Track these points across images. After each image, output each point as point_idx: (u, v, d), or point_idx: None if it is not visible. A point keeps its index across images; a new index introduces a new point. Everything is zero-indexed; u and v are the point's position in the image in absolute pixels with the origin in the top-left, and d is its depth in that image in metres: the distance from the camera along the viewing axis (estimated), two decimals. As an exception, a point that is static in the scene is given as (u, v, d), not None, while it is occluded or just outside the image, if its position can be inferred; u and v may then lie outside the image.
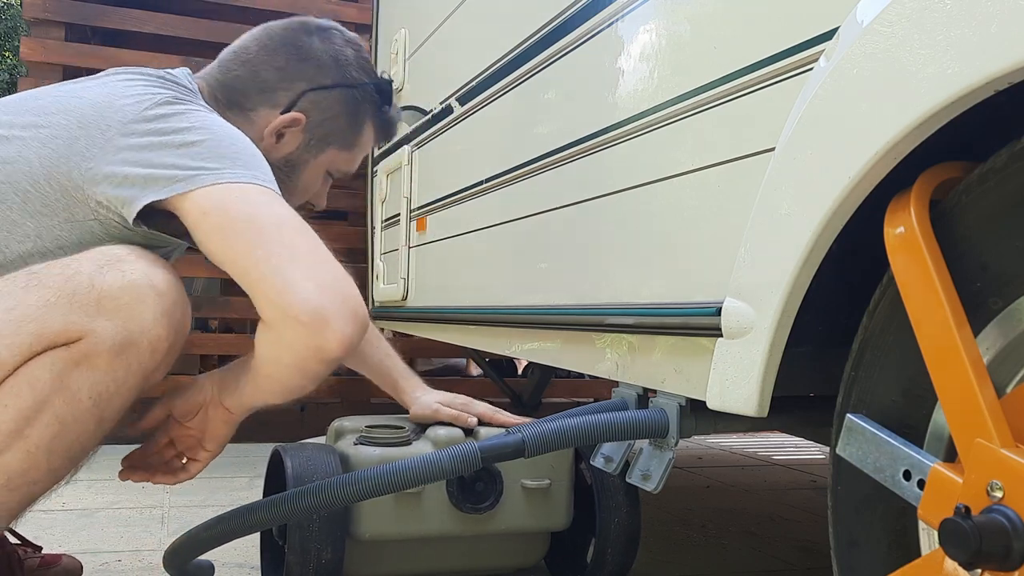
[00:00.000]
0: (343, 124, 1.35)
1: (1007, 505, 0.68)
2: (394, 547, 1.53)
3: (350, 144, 1.38)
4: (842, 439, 0.86)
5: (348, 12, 3.67)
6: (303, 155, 1.34)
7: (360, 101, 1.36)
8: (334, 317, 1.00)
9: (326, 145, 1.35)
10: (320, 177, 1.39)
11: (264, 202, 1.06)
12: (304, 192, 1.38)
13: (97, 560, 1.73)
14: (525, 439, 1.16)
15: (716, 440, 3.71)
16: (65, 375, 1.03)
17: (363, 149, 1.41)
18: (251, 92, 1.29)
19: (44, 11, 3.26)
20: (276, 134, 1.30)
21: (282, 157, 1.32)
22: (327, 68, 1.32)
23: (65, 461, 1.08)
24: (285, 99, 1.30)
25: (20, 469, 1.04)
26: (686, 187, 1.14)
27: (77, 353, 1.03)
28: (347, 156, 1.39)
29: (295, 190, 1.35)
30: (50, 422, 1.03)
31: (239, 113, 1.29)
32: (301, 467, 1.43)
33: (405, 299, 2.45)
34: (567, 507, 1.57)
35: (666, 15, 1.21)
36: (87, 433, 1.07)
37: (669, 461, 1.23)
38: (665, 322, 1.17)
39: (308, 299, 1.00)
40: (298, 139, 1.32)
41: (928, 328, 0.76)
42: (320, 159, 1.36)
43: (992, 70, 0.67)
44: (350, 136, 1.37)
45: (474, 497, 1.48)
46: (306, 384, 1.08)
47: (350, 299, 1.03)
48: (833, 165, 0.82)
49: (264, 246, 1.03)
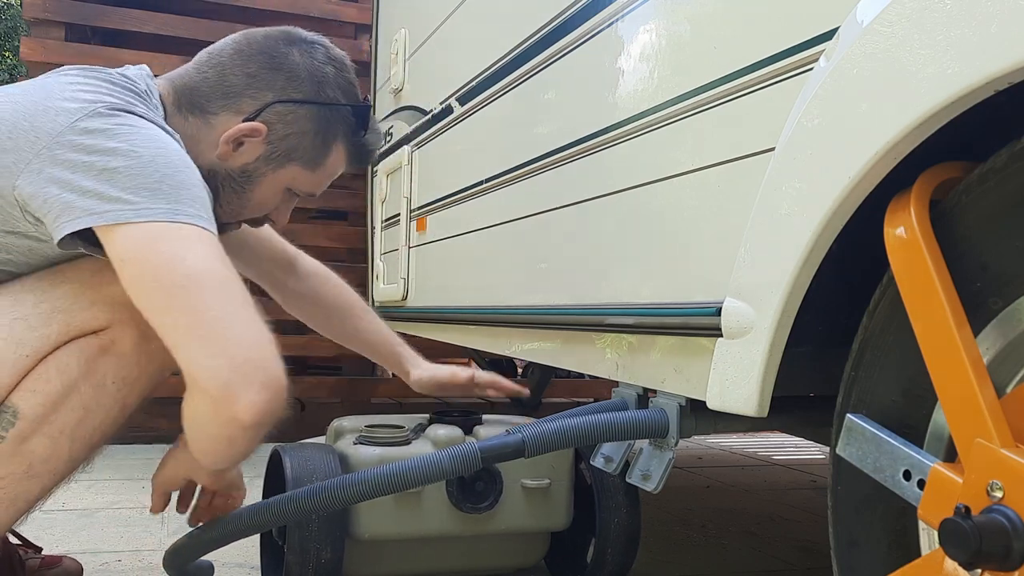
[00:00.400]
0: (309, 142, 1.27)
1: (1007, 505, 0.68)
2: (394, 547, 1.53)
3: (314, 164, 1.29)
4: (842, 439, 0.86)
5: (348, 12, 3.67)
6: (261, 168, 1.26)
7: (332, 121, 1.28)
8: (242, 389, 0.97)
9: (287, 161, 1.27)
10: (279, 193, 1.31)
11: (177, 254, 1.00)
12: (259, 206, 1.31)
13: (97, 560, 1.73)
14: (525, 439, 1.16)
15: (716, 440, 3.71)
16: (92, 361, 1.08)
17: (330, 171, 1.33)
18: (215, 95, 1.24)
19: (44, 11, 3.26)
20: (234, 142, 1.23)
21: (238, 167, 1.25)
22: (300, 82, 1.25)
23: (85, 448, 1.12)
24: (249, 107, 1.23)
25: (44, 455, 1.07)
26: (686, 187, 1.14)
27: (105, 340, 1.09)
28: (310, 176, 1.30)
29: (248, 202, 1.29)
30: (76, 407, 1.08)
31: (199, 115, 1.23)
32: (300, 467, 1.44)
33: (405, 299, 2.45)
34: (567, 507, 1.57)
35: (666, 15, 1.21)
36: (109, 419, 1.12)
37: (669, 461, 1.23)
38: (665, 322, 1.17)
39: (214, 375, 0.97)
40: (258, 150, 1.25)
41: (928, 328, 0.76)
42: (280, 175, 1.28)
43: (992, 70, 0.67)
44: (315, 156, 1.29)
45: (474, 497, 1.48)
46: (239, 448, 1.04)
47: (260, 366, 0.99)
48: (833, 165, 0.82)
49: (171, 313, 1.00)
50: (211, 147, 1.24)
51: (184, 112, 1.24)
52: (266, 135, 1.24)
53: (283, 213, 1.36)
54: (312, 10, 3.58)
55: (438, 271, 2.25)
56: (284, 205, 1.35)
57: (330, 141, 1.29)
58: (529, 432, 1.16)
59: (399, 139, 2.57)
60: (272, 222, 1.37)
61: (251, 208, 1.30)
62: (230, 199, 1.27)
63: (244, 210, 1.30)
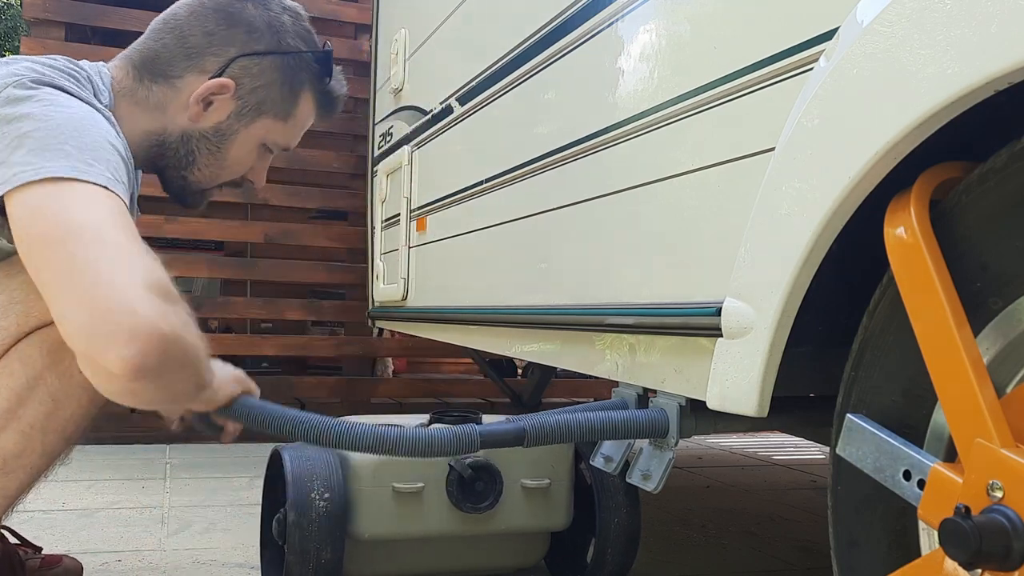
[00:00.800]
0: (277, 93, 1.28)
1: (1007, 505, 0.68)
2: (394, 547, 1.53)
3: (286, 115, 1.30)
4: (842, 439, 0.86)
5: (348, 12, 3.67)
6: (233, 124, 1.27)
7: (296, 69, 1.29)
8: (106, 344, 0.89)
9: (259, 114, 1.28)
10: (254, 150, 1.31)
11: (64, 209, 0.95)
12: (236, 164, 1.31)
13: (97, 560, 1.73)
14: (526, 428, 1.15)
15: (716, 440, 3.71)
16: (56, 351, 1.04)
17: (301, 122, 1.34)
18: (178, 59, 1.24)
19: (44, 11, 3.26)
20: (203, 101, 1.24)
21: (211, 126, 1.26)
22: (260, 34, 1.26)
23: (59, 440, 1.10)
24: (214, 65, 1.24)
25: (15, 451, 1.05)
26: (686, 187, 1.14)
27: None
28: (283, 128, 1.31)
29: (225, 162, 1.30)
30: (44, 399, 1.06)
31: (164, 82, 1.24)
32: (300, 467, 1.43)
33: (405, 299, 2.45)
34: (567, 507, 1.57)
35: (666, 15, 1.21)
36: (80, 409, 1.09)
37: (669, 461, 1.23)
38: (665, 322, 1.17)
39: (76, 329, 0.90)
40: (228, 107, 1.26)
41: (928, 328, 0.76)
42: (253, 129, 1.29)
43: (992, 70, 0.67)
44: (286, 106, 1.30)
45: (474, 497, 1.48)
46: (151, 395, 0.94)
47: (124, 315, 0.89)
48: (833, 165, 0.82)
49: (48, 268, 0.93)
50: (181, 110, 1.25)
51: (147, 83, 1.24)
52: (235, 90, 1.25)
53: (260, 173, 1.36)
54: (312, 10, 3.55)
55: (438, 271, 2.25)
56: (260, 164, 1.35)
57: (297, 90, 1.30)
58: (530, 422, 1.16)
59: (399, 139, 2.57)
60: (251, 183, 1.37)
61: (229, 168, 1.31)
62: (207, 161, 1.29)
63: (222, 171, 1.31)
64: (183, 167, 1.29)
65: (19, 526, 1.52)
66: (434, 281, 2.29)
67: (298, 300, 3.65)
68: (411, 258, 2.44)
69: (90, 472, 2.61)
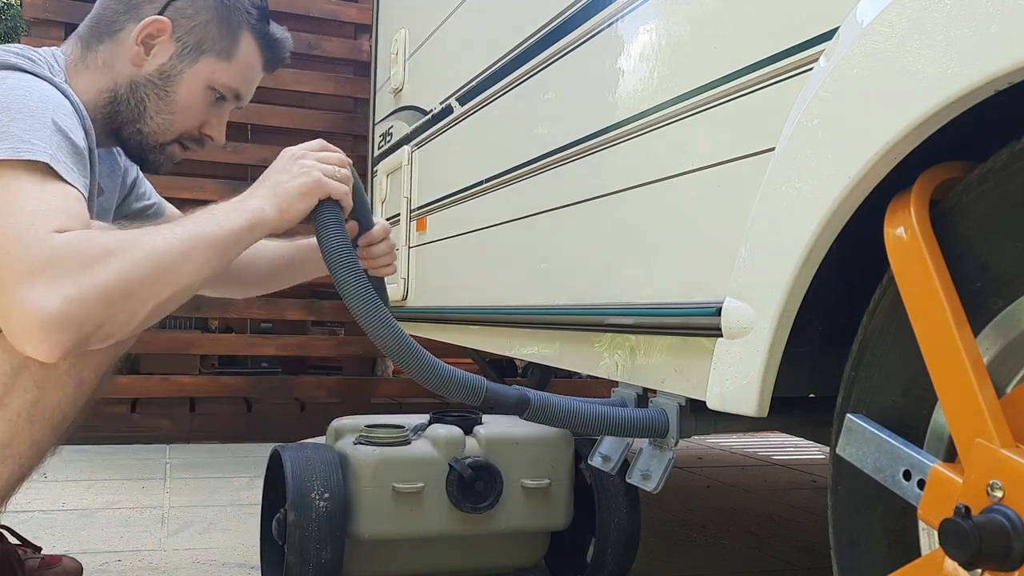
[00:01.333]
0: (216, 31, 1.32)
1: (1007, 505, 0.68)
2: (394, 547, 1.53)
3: (228, 53, 1.33)
4: (842, 439, 0.86)
5: (348, 12, 3.67)
6: (176, 64, 1.30)
7: (232, 10, 1.33)
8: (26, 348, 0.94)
9: (200, 54, 1.31)
10: (202, 92, 1.33)
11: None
12: (187, 110, 1.33)
13: (97, 560, 1.73)
14: (531, 401, 1.14)
15: (716, 440, 3.71)
16: None
17: (246, 63, 1.35)
18: (119, 13, 1.30)
19: (44, 11, 3.26)
20: (143, 44, 1.28)
21: (155, 69, 1.30)
22: None
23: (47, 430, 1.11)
24: (151, 11, 1.29)
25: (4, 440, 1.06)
26: (686, 187, 1.14)
27: None
28: (228, 68, 1.33)
29: (175, 106, 1.32)
30: (28, 387, 1.07)
31: (108, 40, 1.29)
32: (300, 467, 1.44)
33: (405, 299, 2.45)
34: (567, 507, 1.57)
35: (666, 15, 1.21)
36: (67, 397, 1.10)
37: (669, 461, 1.23)
38: (665, 322, 1.17)
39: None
40: (169, 48, 1.30)
41: (928, 328, 0.76)
42: (197, 69, 1.31)
43: (992, 70, 0.67)
44: (226, 44, 1.33)
45: (474, 497, 1.47)
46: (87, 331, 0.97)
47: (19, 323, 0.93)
48: (833, 165, 0.82)
49: None
50: (127, 61, 1.29)
51: (94, 46, 1.30)
52: (172, 30, 1.29)
53: (217, 128, 1.38)
54: (312, 10, 3.58)
55: (438, 271, 2.25)
56: (215, 117, 1.37)
57: (236, 30, 1.33)
58: (536, 396, 1.15)
59: (399, 139, 2.57)
60: (210, 138, 1.38)
61: (181, 114, 1.33)
62: (157, 108, 1.31)
63: (174, 117, 1.32)
64: (136, 119, 1.31)
65: (19, 526, 1.52)
66: (434, 281, 2.29)
67: (298, 300, 3.65)
68: (411, 258, 2.44)
69: (90, 472, 2.61)
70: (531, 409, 1.15)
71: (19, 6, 9.15)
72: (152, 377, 3.26)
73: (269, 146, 3.46)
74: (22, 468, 1.11)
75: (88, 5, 1.39)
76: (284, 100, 3.54)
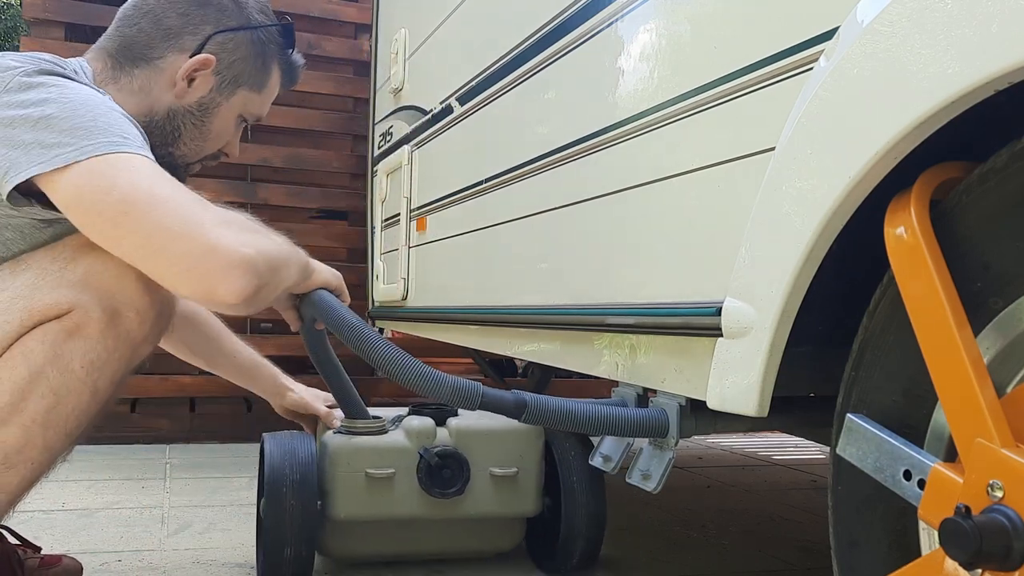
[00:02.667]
0: (252, 65, 1.36)
1: (1007, 505, 0.68)
2: (371, 528, 1.60)
3: (260, 85, 1.39)
4: (842, 439, 0.86)
5: (348, 12, 3.67)
6: (215, 98, 1.35)
7: (266, 43, 1.37)
8: (216, 285, 1.04)
9: (236, 87, 1.36)
10: (233, 121, 1.39)
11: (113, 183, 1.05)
12: (218, 137, 1.39)
13: (97, 560, 1.73)
14: (528, 404, 1.17)
15: (716, 440, 3.71)
16: (58, 345, 1.08)
17: (273, 92, 1.43)
18: (157, 41, 1.31)
19: (44, 11, 3.25)
20: (187, 78, 1.31)
21: (195, 101, 1.33)
22: (229, 11, 1.34)
23: (61, 436, 1.12)
24: (193, 43, 1.31)
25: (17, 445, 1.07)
26: (686, 187, 1.14)
27: (69, 323, 1.09)
28: (258, 99, 1.40)
29: (209, 135, 1.37)
30: (45, 393, 1.08)
31: (145, 65, 1.30)
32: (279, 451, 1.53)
33: (405, 299, 2.45)
34: (536, 494, 1.63)
35: (666, 15, 1.21)
36: (81, 405, 1.11)
37: (669, 461, 1.23)
38: (665, 322, 1.17)
39: (180, 285, 1.06)
40: (209, 82, 1.33)
41: (928, 328, 0.76)
42: (233, 101, 1.37)
43: (992, 70, 0.67)
44: (260, 77, 1.38)
45: (441, 483, 1.55)
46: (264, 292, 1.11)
47: (213, 260, 1.04)
48: (833, 165, 0.82)
49: (124, 241, 1.05)
50: (166, 89, 1.31)
51: (128, 68, 1.31)
52: (215, 65, 1.32)
53: (234, 145, 1.44)
54: (312, 10, 3.58)
55: (438, 271, 2.25)
56: (235, 136, 1.43)
57: (268, 62, 1.39)
58: (533, 399, 1.18)
59: (399, 139, 2.57)
60: (226, 155, 1.44)
61: (211, 141, 1.38)
62: (192, 135, 1.35)
63: (205, 144, 1.38)
64: (169, 143, 1.34)
65: (19, 526, 1.52)
66: (434, 281, 2.29)
67: (298, 300, 3.65)
68: (411, 258, 2.44)
69: (90, 472, 2.61)
70: (528, 412, 1.17)
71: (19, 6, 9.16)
72: (152, 377, 3.25)
73: (269, 146, 3.46)
74: (34, 473, 1.11)
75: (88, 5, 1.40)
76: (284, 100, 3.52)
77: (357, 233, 3.47)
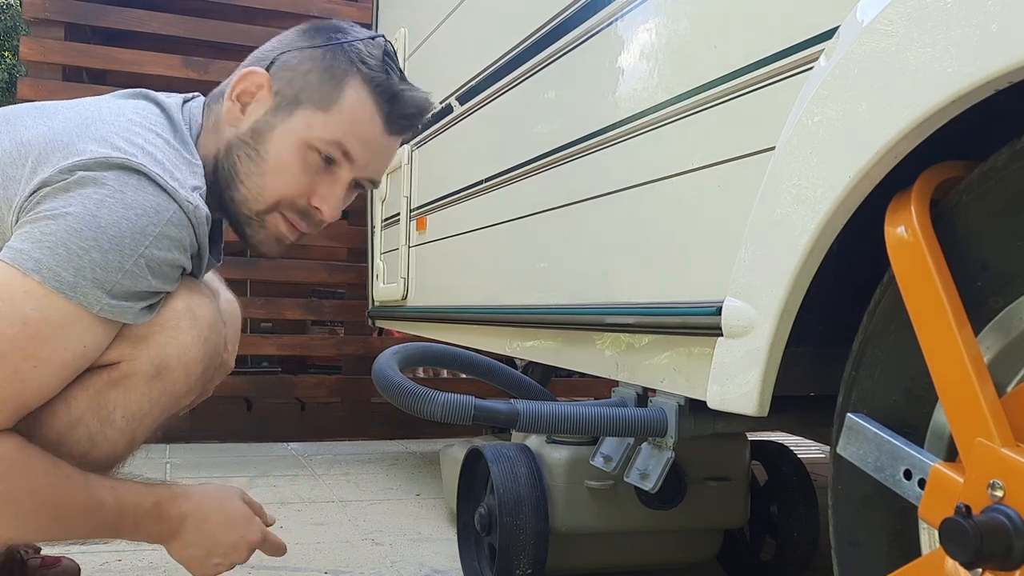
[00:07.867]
0: (316, 79, 1.13)
1: (1008, 504, 0.68)
2: (584, 541, 1.56)
3: (327, 103, 1.13)
4: (842, 439, 0.86)
5: (348, 12, 3.67)
6: (270, 120, 1.14)
7: (339, 57, 1.14)
8: None
9: (296, 106, 1.13)
10: (297, 150, 1.14)
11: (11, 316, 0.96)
12: (280, 171, 1.14)
13: (97, 560, 1.72)
14: (520, 412, 1.17)
15: (716, 440, 3.70)
16: (101, 394, 1.06)
17: (353, 113, 1.14)
18: None
19: (44, 11, 3.25)
20: (239, 101, 1.15)
21: (249, 128, 1.15)
22: (312, 36, 1.17)
23: None
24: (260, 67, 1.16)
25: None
26: (686, 186, 1.14)
27: (116, 374, 1.06)
28: (326, 119, 1.13)
29: (266, 167, 1.14)
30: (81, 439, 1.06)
31: (221, 98, 1.18)
32: (503, 464, 1.51)
33: (405, 299, 2.45)
34: (744, 505, 1.60)
35: (666, 15, 1.21)
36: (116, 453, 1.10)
37: (668, 460, 1.23)
38: (665, 322, 1.17)
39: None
40: (265, 104, 1.14)
41: (929, 327, 0.76)
42: (292, 124, 1.13)
43: (992, 70, 0.67)
44: (327, 94, 1.13)
45: (661, 494, 1.46)
46: None
47: None
48: (833, 165, 0.82)
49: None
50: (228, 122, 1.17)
51: (213, 105, 1.20)
52: (269, 84, 1.14)
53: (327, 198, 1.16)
54: (312, 10, 3.58)
55: (438, 270, 2.25)
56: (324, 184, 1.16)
57: (341, 76, 1.13)
58: (525, 407, 1.18)
59: (399, 139, 2.57)
60: (318, 211, 1.17)
61: (272, 176, 1.14)
62: (248, 170, 1.15)
63: (265, 180, 1.15)
64: (231, 186, 1.16)
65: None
66: (434, 280, 2.29)
67: (298, 300, 3.65)
68: (411, 257, 2.44)
69: (90, 472, 2.61)
70: (521, 420, 1.17)
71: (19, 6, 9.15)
72: (152, 377, 3.25)
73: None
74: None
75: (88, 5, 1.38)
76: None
77: (357, 233, 3.47)
